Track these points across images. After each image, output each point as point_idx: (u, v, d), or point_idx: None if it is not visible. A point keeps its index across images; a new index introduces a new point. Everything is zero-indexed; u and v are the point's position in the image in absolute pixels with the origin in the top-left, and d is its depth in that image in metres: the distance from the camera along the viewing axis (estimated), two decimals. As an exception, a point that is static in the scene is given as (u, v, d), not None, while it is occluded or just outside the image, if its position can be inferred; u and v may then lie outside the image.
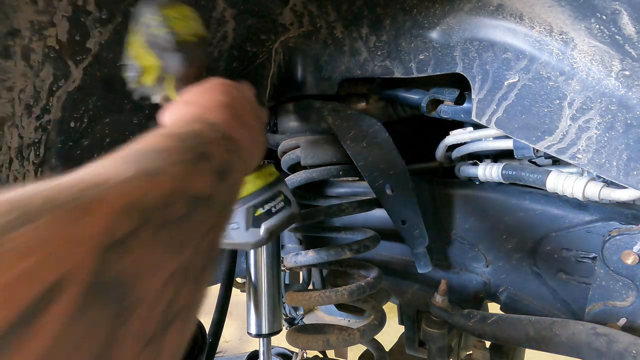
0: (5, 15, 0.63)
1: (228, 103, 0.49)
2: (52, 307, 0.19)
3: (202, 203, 0.32)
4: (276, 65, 0.87)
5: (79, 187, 0.24)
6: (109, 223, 0.23)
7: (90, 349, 0.20)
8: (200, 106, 0.48)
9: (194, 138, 0.38)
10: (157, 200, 0.27)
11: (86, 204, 0.23)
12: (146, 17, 0.55)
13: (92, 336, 0.20)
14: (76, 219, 0.22)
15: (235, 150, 0.44)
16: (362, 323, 1.10)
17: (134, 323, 0.23)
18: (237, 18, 0.78)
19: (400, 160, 0.79)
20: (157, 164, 0.30)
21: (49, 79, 0.75)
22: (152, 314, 0.24)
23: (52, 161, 0.84)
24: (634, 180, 0.55)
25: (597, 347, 0.54)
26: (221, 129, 0.43)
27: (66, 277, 0.20)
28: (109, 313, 0.21)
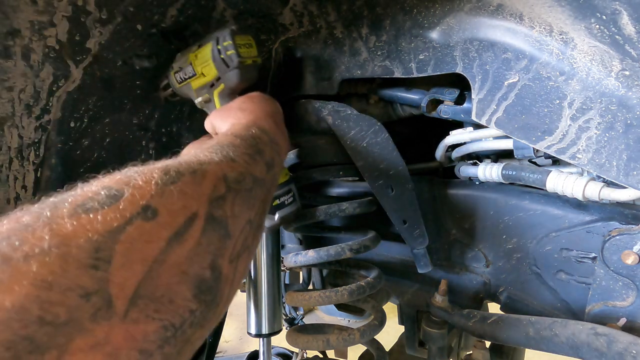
0: (5, 15, 0.63)
1: (272, 113, 0.65)
2: (192, 226, 0.33)
3: (259, 183, 0.47)
4: (276, 65, 0.87)
5: (194, 163, 0.38)
6: (211, 186, 0.37)
7: (210, 253, 0.34)
8: (253, 114, 0.63)
9: (252, 139, 0.52)
10: (234, 176, 0.41)
11: (202, 173, 0.37)
12: (221, 37, 0.69)
13: (211, 246, 0.34)
14: (199, 181, 0.36)
15: (278, 151, 0.58)
16: (362, 323, 1.10)
17: (229, 246, 0.37)
18: (237, 18, 0.78)
19: (400, 160, 0.79)
20: (231, 154, 0.44)
21: (49, 79, 0.75)
22: (237, 243, 0.38)
23: (52, 161, 0.84)
24: (634, 180, 0.55)
25: (597, 347, 0.54)
26: (270, 134, 0.58)
27: (196, 212, 0.34)
28: (217, 236, 0.36)
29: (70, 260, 0.24)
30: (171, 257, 0.30)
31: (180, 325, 0.30)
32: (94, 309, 0.24)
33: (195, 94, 0.76)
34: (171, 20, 0.74)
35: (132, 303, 0.26)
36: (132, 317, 0.26)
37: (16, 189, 0.83)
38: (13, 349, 0.21)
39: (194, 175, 0.36)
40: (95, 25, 0.70)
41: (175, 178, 0.34)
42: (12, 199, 0.83)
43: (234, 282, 0.38)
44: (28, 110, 0.77)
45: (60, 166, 0.85)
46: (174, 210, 0.32)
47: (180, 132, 0.98)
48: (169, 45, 0.80)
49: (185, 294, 0.31)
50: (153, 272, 0.28)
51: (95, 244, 0.26)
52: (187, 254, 0.31)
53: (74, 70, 0.76)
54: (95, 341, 0.24)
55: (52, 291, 0.23)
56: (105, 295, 0.25)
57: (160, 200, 0.31)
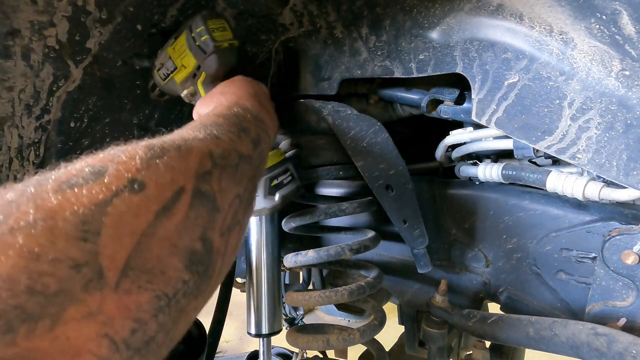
0: (5, 15, 0.63)
1: (254, 93, 0.65)
2: (180, 200, 0.33)
3: (246, 159, 0.47)
4: (276, 65, 0.87)
5: (179, 140, 0.38)
6: (199, 161, 0.37)
7: (199, 225, 0.35)
8: (235, 95, 0.63)
9: (236, 117, 0.52)
10: (220, 152, 0.42)
11: (187, 148, 0.37)
12: (193, 24, 0.68)
13: (199, 219, 0.35)
14: (185, 157, 0.36)
15: (263, 128, 0.58)
16: (362, 323, 1.10)
17: (218, 219, 0.38)
18: (237, 18, 0.78)
19: (400, 160, 0.79)
20: (215, 132, 0.44)
21: (49, 79, 0.75)
22: (227, 217, 0.39)
23: (52, 161, 0.84)
24: (634, 180, 0.55)
25: (597, 347, 0.54)
26: (253, 112, 0.58)
27: (183, 187, 0.34)
28: (206, 209, 0.36)
29: (57, 233, 0.24)
30: (160, 230, 0.30)
31: (173, 295, 0.30)
32: (85, 280, 0.24)
33: (180, 87, 0.75)
34: (171, 20, 0.74)
35: (123, 274, 0.26)
36: (124, 287, 0.26)
37: (16, 189, 0.82)
38: (4, 317, 0.21)
39: (179, 151, 0.36)
40: (95, 25, 0.70)
41: (160, 153, 0.34)
42: (12, 199, 0.82)
43: (226, 255, 0.39)
44: (28, 110, 0.77)
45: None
46: (161, 183, 0.32)
47: (180, 132, 0.98)
48: (169, 45, 0.80)
49: (177, 265, 0.31)
50: (142, 244, 0.28)
51: (82, 216, 0.26)
52: (175, 227, 0.32)
53: (74, 70, 0.76)
54: (89, 311, 0.24)
55: (40, 262, 0.23)
56: (96, 267, 0.25)
57: (146, 174, 0.31)
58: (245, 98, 0.62)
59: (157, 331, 0.29)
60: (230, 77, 0.72)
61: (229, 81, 0.69)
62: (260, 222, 1.03)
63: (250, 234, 1.03)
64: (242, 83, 0.68)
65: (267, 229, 1.03)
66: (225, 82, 0.69)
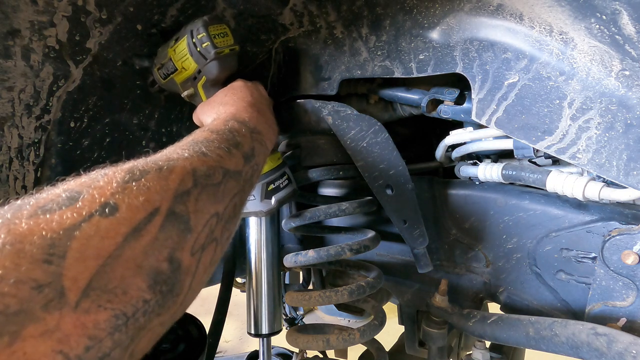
0: (5, 15, 0.63)
1: (253, 102, 0.66)
2: (151, 222, 0.34)
3: (233, 175, 0.48)
4: (276, 65, 0.87)
5: (162, 160, 0.40)
6: (177, 182, 0.39)
7: (167, 246, 0.35)
8: (234, 107, 0.65)
9: (230, 132, 0.54)
10: (203, 171, 0.43)
11: (168, 169, 0.39)
12: (194, 29, 0.69)
13: (169, 241, 0.35)
14: (164, 177, 0.38)
15: (259, 139, 0.59)
16: (362, 323, 1.10)
17: (189, 239, 0.38)
18: (237, 18, 0.78)
19: (400, 160, 0.79)
20: (204, 150, 0.46)
21: (49, 79, 0.75)
22: (200, 236, 0.40)
23: (52, 161, 0.84)
24: (634, 180, 0.55)
25: (597, 347, 0.54)
26: (250, 124, 0.59)
27: (158, 207, 0.35)
28: (177, 230, 0.37)
29: (22, 256, 0.26)
30: (127, 252, 0.32)
31: (133, 314, 0.31)
32: (46, 300, 0.26)
33: (181, 88, 0.77)
34: (171, 20, 0.74)
35: (84, 294, 0.28)
36: (83, 307, 0.28)
37: (16, 189, 0.83)
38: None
39: (160, 171, 0.38)
40: (95, 25, 0.70)
41: (139, 175, 0.36)
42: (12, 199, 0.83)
43: (197, 273, 0.40)
44: (28, 110, 0.77)
45: (60, 166, 0.85)
46: (134, 205, 0.33)
47: (180, 132, 0.98)
48: (169, 45, 0.80)
49: (139, 285, 0.32)
50: (107, 266, 0.30)
51: (50, 240, 0.28)
52: (143, 249, 0.33)
53: (74, 70, 0.76)
54: (46, 329, 0.26)
55: (2, 283, 0.25)
56: (58, 287, 0.27)
57: (120, 197, 0.33)
58: (244, 109, 0.64)
59: (113, 348, 0.30)
60: (231, 80, 0.73)
61: (229, 88, 0.70)
62: (260, 222, 1.03)
63: (250, 234, 1.03)
64: (242, 92, 0.69)
65: (267, 229, 1.03)
66: (226, 90, 0.70)
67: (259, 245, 1.02)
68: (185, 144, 0.47)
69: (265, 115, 0.66)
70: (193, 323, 0.92)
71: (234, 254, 1.04)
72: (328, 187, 1.00)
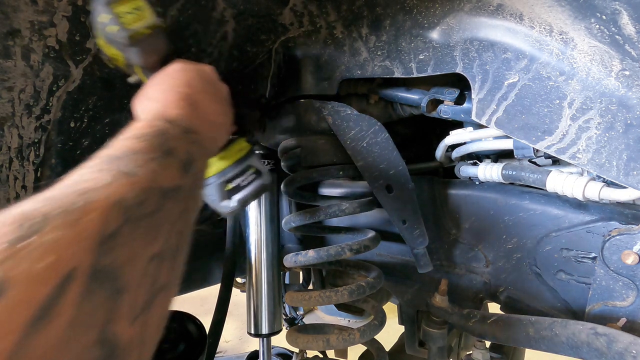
0: (5, 15, 0.63)
1: (187, 94, 0.53)
2: (65, 294, 0.24)
3: (172, 194, 0.38)
4: (276, 65, 0.87)
5: (74, 194, 0.29)
6: (100, 223, 0.28)
7: (95, 325, 0.25)
8: (161, 102, 0.52)
9: (159, 136, 0.43)
10: (134, 199, 0.32)
11: (85, 206, 0.28)
12: (100, 15, 0.57)
13: (95, 315, 0.26)
14: (75, 222, 0.27)
15: (197, 141, 0.49)
16: (362, 323, 1.10)
17: (125, 302, 0.28)
18: (237, 18, 0.78)
19: (400, 160, 0.79)
20: (130, 166, 0.35)
21: (49, 79, 0.75)
22: (138, 293, 0.30)
23: (52, 161, 0.84)
24: (634, 180, 0.55)
25: (597, 347, 0.54)
26: (182, 124, 0.48)
27: (75, 268, 0.25)
28: (105, 295, 0.26)
29: None
30: (31, 353, 0.22)
31: None
32: None
33: (128, 71, 0.66)
34: (171, 20, 0.74)
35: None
36: None
37: (16, 189, 0.83)
38: None
39: (70, 214, 0.27)
40: (95, 25, 0.70)
41: (39, 225, 0.25)
42: (12, 199, 0.83)
43: (146, 341, 0.30)
44: (28, 110, 0.77)
45: (60, 166, 0.85)
46: (34, 276, 0.23)
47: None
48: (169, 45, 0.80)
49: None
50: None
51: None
52: (57, 340, 0.23)
53: (74, 70, 0.76)
54: None
55: None
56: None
57: (12, 265, 0.23)
58: (174, 103, 0.51)
59: None
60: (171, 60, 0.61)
61: (161, 76, 0.57)
62: (260, 223, 1.03)
63: (250, 234, 1.03)
64: (174, 80, 0.56)
65: (267, 229, 1.04)
66: (157, 78, 0.57)
67: (259, 245, 1.02)
68: (102, 161, 0.36)
69: (202, 110, 0.54)
70: (193, 323, 0.92)
71: (233, 254, 1.04)
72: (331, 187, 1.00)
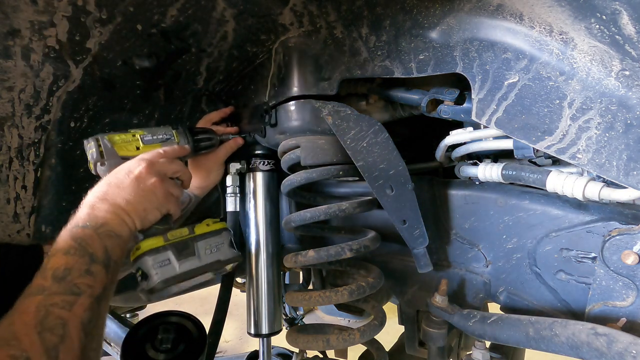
0: (5, 15, 0.63)
1: (103, 191, 0.65)
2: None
3: (103, 296, 0.54)
4: (276, 65, 0.87)
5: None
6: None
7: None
8: (82, 206, 0.64)
9: (79, 244, 0.56)
10: (89, 316, 0.51)
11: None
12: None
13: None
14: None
15: (107, 233, 0.60)
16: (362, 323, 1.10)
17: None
18: (237, 18, 0.78)
19: (400, 160, 0.79)
20: (76, 285, 0.51)
21: (49, 79, 0.75)
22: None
23: (52, 161, 0.84)
24: (634, 180, 0.54)
25: (597, 347, 0.54)
26: (92, 223, 0.60)
27: None
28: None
29: None
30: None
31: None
32: None
33: None
34: (171, 20, 0.74)
35: None
36: None
37: (16, 189, 0.83)
38: None
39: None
40: (95, 25, 0.70)
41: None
42: (12, 199, 0.83)
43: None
44: (28, 110, 0.77)
45: (60, 166, 0.85)
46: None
47: (180, 132, 0.98)
48: (169, 45, 0.80)
49: None
50: None
51: None
52: None
53: (74, 70, 0.76)
54: None
55: None
56: None
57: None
58: (86, 205, 0.63)
59: None
60: None
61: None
62: (260, 223, 1.03)
63: (250, 234, 1.03)
64: (97, 186, 0.67)
65: (267, 229, 1.03)
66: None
67: (259, 245, 1.02)
68: (57, 289, 0.49)
69: (114, 198, 0.65)
70: (193, 323, 0.92)
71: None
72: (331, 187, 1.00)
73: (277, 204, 1.07)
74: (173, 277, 0.70)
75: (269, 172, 1.03)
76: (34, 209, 0.86)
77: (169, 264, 0.70)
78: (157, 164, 0.72)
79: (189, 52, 0.83)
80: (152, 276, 0.69)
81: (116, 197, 0.65)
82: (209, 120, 0.96)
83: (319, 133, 0.84)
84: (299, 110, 0.84)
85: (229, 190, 1.00)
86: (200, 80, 0.93)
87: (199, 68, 0.89)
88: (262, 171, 1.02)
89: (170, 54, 0.82)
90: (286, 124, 0.85)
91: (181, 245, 0.72)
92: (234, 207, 1.00)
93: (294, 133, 0.86)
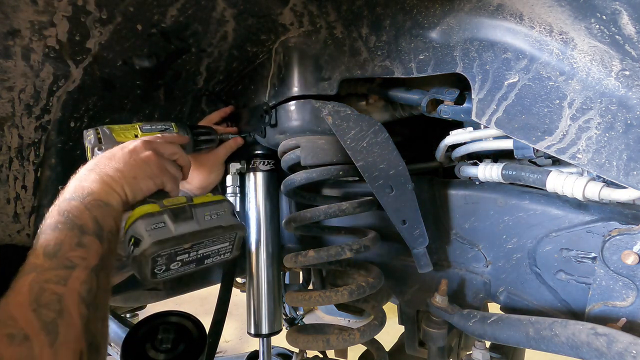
0: (5, 15, 0.63)
1: (95, 162, 0.65)
2: None
3: (103, 267, 0.54)
4: (276, 65, 0.87)
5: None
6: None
7: None
8: (76, 180, 0.62)
9: (66, 218, 0.54)
10: (90, 295, 0.50)
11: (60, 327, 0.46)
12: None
13: None
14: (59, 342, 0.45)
15: (95, 204, 0.58)
16: (362, 323, 1.10)
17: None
18: (237, 18, 0.78)
19: (400, 160, 0.79)
20: (71, 259, 0.51)
21: (49, 79, 0.75)
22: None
23: (52, 161, 0.84)
24: (634, 180, 0.54)
25: (597, 347, 0.54)
26: (79, 193, 0.58)
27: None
28: None
29: None
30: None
31: None
32: None
33: None
34: (171, 20, 0.74)
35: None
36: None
37: (16, 189, 0.83)
38: None
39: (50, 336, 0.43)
40: (95, 25, 0.70)
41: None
42: (12, 199, 0.83)
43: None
44: (28, 110, 0.77)
45: (60, 166, 0.85)
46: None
47: (180, 132, 0.98)
48: (169, 45, 0.80)
49: None
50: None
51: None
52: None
53: (74, 70, 0.76)
54: None
55: None
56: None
57: None
58: (76, 178, 0.62)
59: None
60: None
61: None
62: (260, 223, 1.03)
63: (250, 234, 1.03)
64: (82, 169, 0.65)
65: (267, 229, 1.03)
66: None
67: (259, 245, 1.02)
68: (50, 265, 0.49)
69: (103, 168, 0.63)
70: (193, 323, 0.92)
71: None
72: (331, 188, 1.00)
73: (277, 204, 1.07)
74: (168, 239, 0.63)
75: (269, 172, 1.03)
76: (34, 209, 0.86)
77: (164, 227, 0.64)
78: (153, 142, 0.70)
79: (189, 52, 0.83)
80: (144, 238, 0.62)
81: (105, 167, 0.64)
82: (210, 121, 0.96)
83: (319, 133, 0.84)
84: (299, 110, 0.84)
85: (229, 190, 1.00)
86: (200, 80, 0.93)
87: (199, 68, 0.89)
88: (262, 171, 1.02)
89: (170, 54, 0.82)
90: (286, 124, 0.85)
91: (178, 210, 0.66)
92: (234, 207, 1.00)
93: (294, 133, 0.86)
